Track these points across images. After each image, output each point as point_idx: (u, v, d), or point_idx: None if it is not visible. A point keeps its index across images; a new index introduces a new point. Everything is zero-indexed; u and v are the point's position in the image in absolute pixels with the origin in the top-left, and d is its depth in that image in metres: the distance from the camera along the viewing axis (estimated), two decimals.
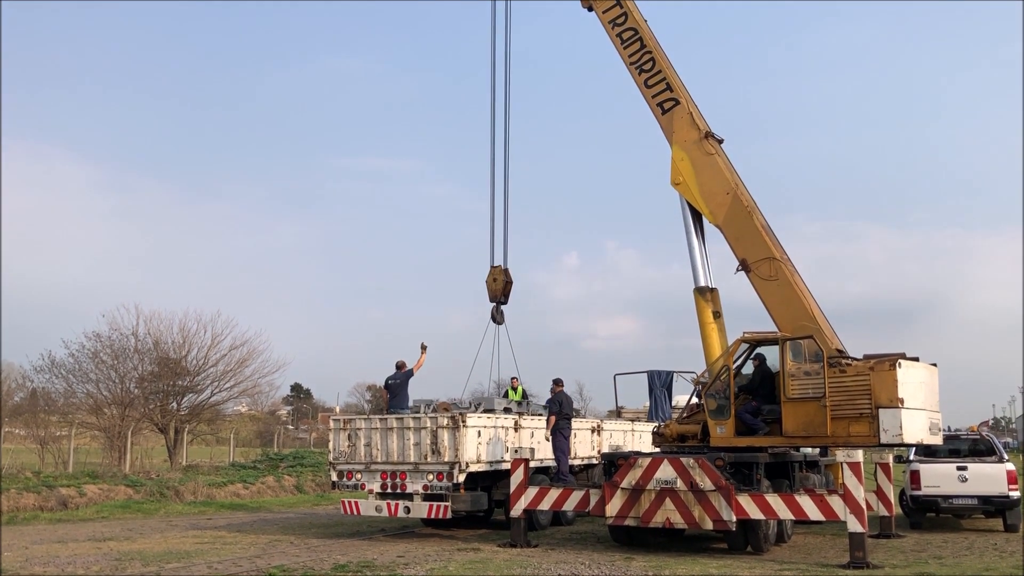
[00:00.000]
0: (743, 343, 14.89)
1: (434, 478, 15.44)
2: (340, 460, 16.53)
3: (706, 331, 15.61)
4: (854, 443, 13.41)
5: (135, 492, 23.37)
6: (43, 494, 21.42)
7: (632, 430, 21.37)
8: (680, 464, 13.64)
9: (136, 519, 20.41)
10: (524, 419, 17.42)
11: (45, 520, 19.81)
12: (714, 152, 15.98)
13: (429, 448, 15.55)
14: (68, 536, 16.56)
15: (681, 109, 16.31)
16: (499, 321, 18.37)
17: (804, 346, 14.10)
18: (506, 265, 18.52)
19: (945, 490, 17.01)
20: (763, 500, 13.18)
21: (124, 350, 32.16)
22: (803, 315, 14.66)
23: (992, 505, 16.89)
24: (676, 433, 15.56)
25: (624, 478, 14.00)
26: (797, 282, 15.11)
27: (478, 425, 15.82)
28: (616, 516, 14.06)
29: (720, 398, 14.58)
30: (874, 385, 13.39)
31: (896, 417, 13.15)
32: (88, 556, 13.74)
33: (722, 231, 15.68)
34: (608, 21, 17.19)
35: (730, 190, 15.66)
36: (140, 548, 14.75)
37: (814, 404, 13.72)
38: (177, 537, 16.46)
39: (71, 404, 32.20)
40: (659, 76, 16.58)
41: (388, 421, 16.15)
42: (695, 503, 13.43)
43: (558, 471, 16.46)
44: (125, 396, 31.50)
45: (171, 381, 33.09)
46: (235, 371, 34.75)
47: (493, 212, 18.60)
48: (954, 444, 18.68)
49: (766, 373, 14.77)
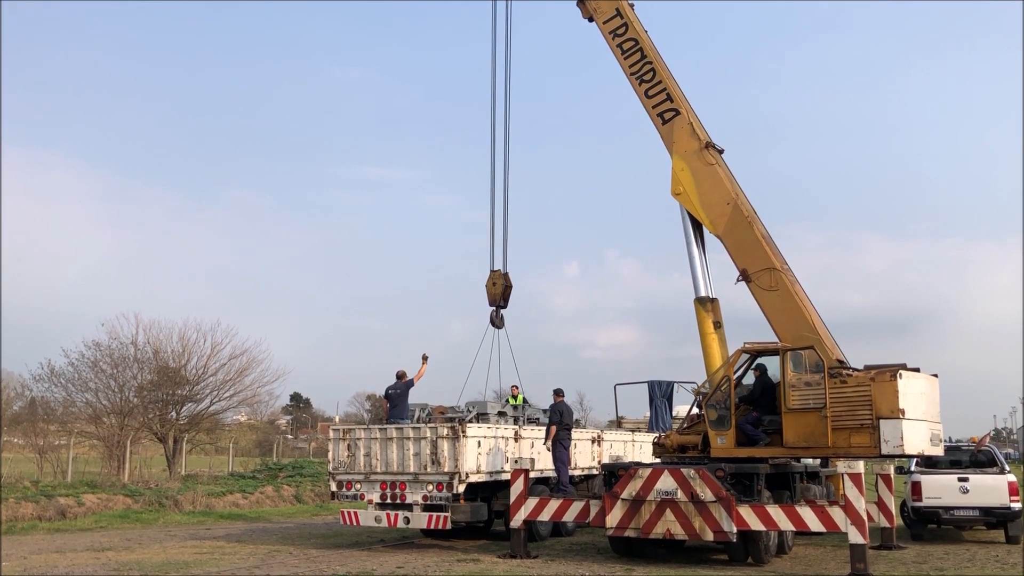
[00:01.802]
0: (744, 353, 14.87)
1: (434, 488, 15.40)
2: (340, 470, 16.49)
3: (707, 341, 15.61)
4: (855, 454, 13.40)
5: (134, 502, 23.31)
6: (41, 503, 21.36)
7: (632, 440, 21.32)
8: (681, 475, 13.61)
9: (135, 529, 20.35)
10: (524, 429, 17.40)
11: (43, 530, 19.74)
12: (714, 162, 16.01)
13: (429, 458, 15.51)
14: (67, 546, 16.51)
15: (681, 119, 16.34)
16: (498, 325, 18.39)
17: (805, 356, 14.08)
18: (505, 269, 18.55)
19: (946, 501, 16.97)
20: (764, 511, 13.14)
21: (123, 359, 32.13)
22: (804, 325, 14.66)
23: (994, 516, 16.84)
24: (676, 444, 15.53)
25: (624, 489, 13.97)
26: (798, 292, 15.11)
27: (478, 435, 15.79)
28: (616, 527, 14.02)
29: (721, 408, 14.55)
30: (875, 396, 13.37)
31: (897, 428, 13.12)
32: (86, 566, 13.71)
33: (722, 241, 15.69)
34: (609, 32, 17.25)
35: (730, 200, 15.68)
36: (139, 558, 14.70)
37: (815, 415, 13.69)
38: (176, 547, 16.41)
39: (70, 413, 32.11)
40: (659, 86, 16.63)
41: (388, 431, 16.12)
42: (696, 514, 13.39)
43: (558, 481, 16.42)
44: (124, 405, 31.42)
45: (170, 390, 33.00)
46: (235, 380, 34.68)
47: (493, 216, 18.65)
48: (955, 455, 18.64)
49: (767, 384, 14.74)
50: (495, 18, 19.29)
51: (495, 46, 19.19)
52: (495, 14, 19.32)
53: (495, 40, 19.21)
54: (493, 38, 19.23)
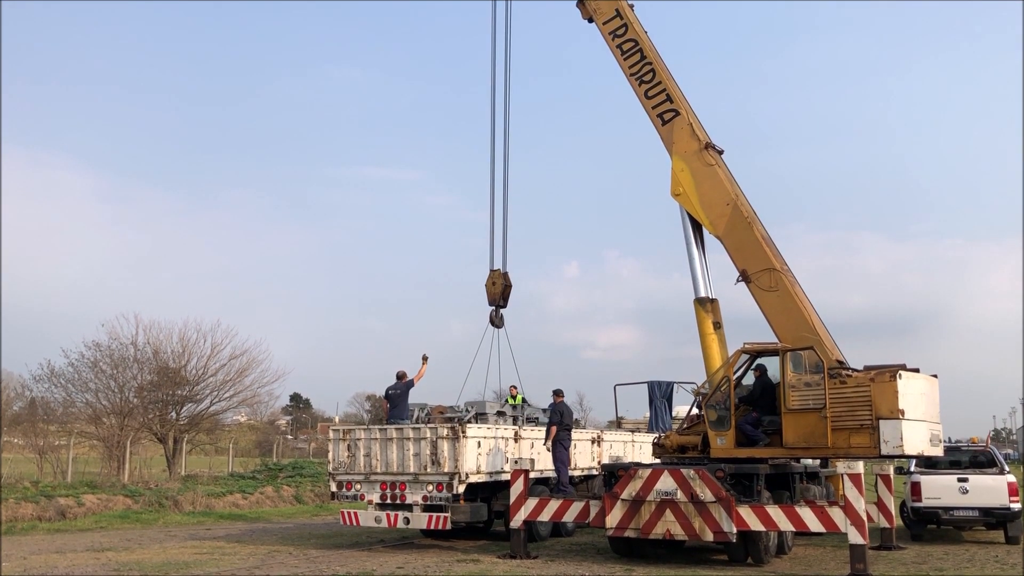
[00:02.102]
0: (743, 354, 14.88)
1: (434, 489, 15.40)
2: (340, 470, 16.49)
3: (706, 342, 15.62)
4: (855, 454, 13.40)
5: (134, 502, 23.31)
6: (41, 504, 21.36)
7: (632, 441, 21.32)
8: (680, 475, 13.62)
9: (135, 529, 20.35)
10: (524, 429, 17.40)
11: (43, 530, 19.75)
12: (714, 163, 16.01)
13: (429, 459, 15.51)
14: (66, 546, 16.51)
15: (681, 120, 16.35)
16: (498, 325, 18.40)
17: (804, 357, 14.09)
18: (505, 269, 18.55)
19: (946, 502, 16.98)
20: (763, 511, 13.15)
21: (123, 359, 32.09)
22: (803, 326, 14.66)
23: (993, 517, 16.85)
24: (676, 444, 15.53)
25: (624, 489, 13.98)
26: (797, 293, 15.12)
27: (478, 436, 15.80)
28: (616, 527, 14.02)
29: (720, 409, 14.56)
30: (875, 396, 13.38)
31: (897, 428, 13.13)
32: (86, 566, 13.71)
33: (722, 242, 15.70)
34: (608, 32, 17.26)
35: (730, 201, 15.68)
36: (138, 558, 14.71)
37: (815, 415, 13.70)
38: (176, 547, 16.41)
39: (70, 413, 32.10)
40: (659, 87, 16.63)
41: (388, 431, 16.12)
42: (695, 514, 13.40)
43: (558, 482, 16.43)
44: (124, 405, 31.39)
45: (170, 391, 32.99)
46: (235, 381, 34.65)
47: (493, 215, 18.64)
48: (955, 456, 18.65)
49: (766, 384, 14.75)
50: (495, 18, 19.34)
51: (495, 46, 19.24)
52: (495, 14, 19.37)
53: (495, 40, 19.26)
54: (493, 38, 19.29)
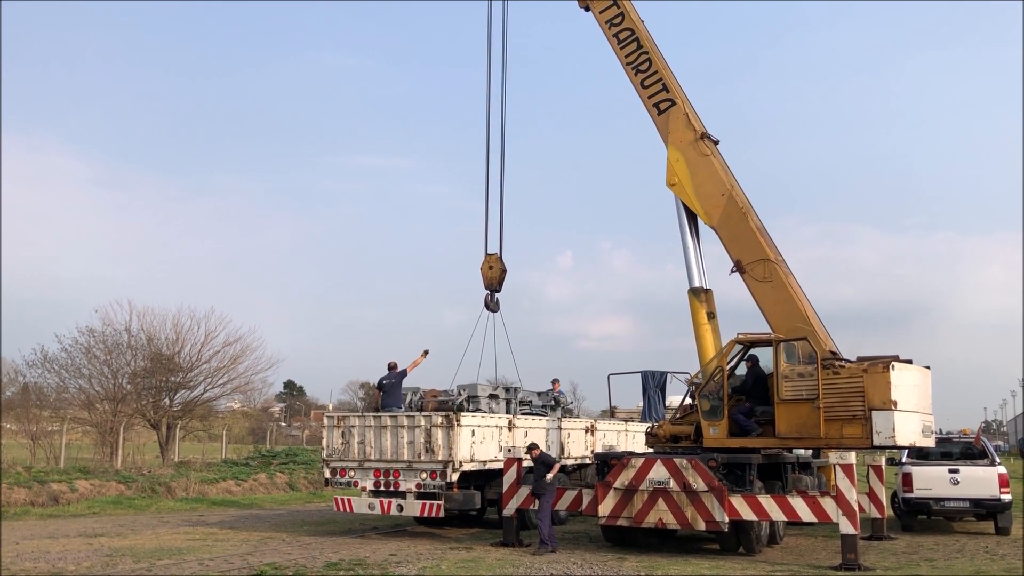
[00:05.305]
0: (737, 344, 14.91)
1: (427, 476, 15.42)
2: (333, 457, 16.50)
3: (700, 332, 15.63)
4: (847, 445, 13.45)
5: (127, 488, 23.31)
6: (34, 489, 21.34)
7: (625, 430, 21.39)
8: (673, 465, 13.66)
9: (127, 515, 20.36)
10: (518, 418, 17.41)
11: (36, 515, 19.75)
12: (710, 153, 15.99)
13: (423, 446, 15.53)
14: (59, 532, 16.51)
15: (677, 110, 16.31)
16: (494, 309, 18.36)
17: (798, 348, 14.11)
18: (501, 253, 18.50)
19: (937, 493, 17.07)
20: (756, 501, 13.20)
21: (117, 345, 32.05)
22: (797, 317, 14.68)
23: (984, 508, 16.95)
24: (669, 434, 15.58)
25: (617, 478, 14.01)
26: (791, 284, 15.13)
27: (472, 424, 15.80)
28: (609, 516, 14.07)
29: (714, 399, 14.59)
30: (867, 387, 13.41)
31: (889, 419, 13.17)
32: (79, 552, 13.70)
33: (717, 232, 15.70)
34: (605, 21, 17.19)
35: (725, 191, 15.67)
36: (131, 544, 14.71)
37: (807, 406, 13.73)
38: (168, 534, 16.42)
39: (63, 399, 32.06)
40: (655, 77, 16.58)
41: (382, 419, 16.12)
42: (688, 504, 13.45)
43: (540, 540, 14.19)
44: (118, 392, 31.38)
45: (164, 377, 32.97)
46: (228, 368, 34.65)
47: (488, 200, 18.55)
48: (946, 447, 18.74)
49: (759, 374, 14.79)
50: (491, 7, 19.23)
51: (491, 35, 19.14)
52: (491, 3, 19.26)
53: (491, 29, 19.15)
54: (489, 27, 19.16)
